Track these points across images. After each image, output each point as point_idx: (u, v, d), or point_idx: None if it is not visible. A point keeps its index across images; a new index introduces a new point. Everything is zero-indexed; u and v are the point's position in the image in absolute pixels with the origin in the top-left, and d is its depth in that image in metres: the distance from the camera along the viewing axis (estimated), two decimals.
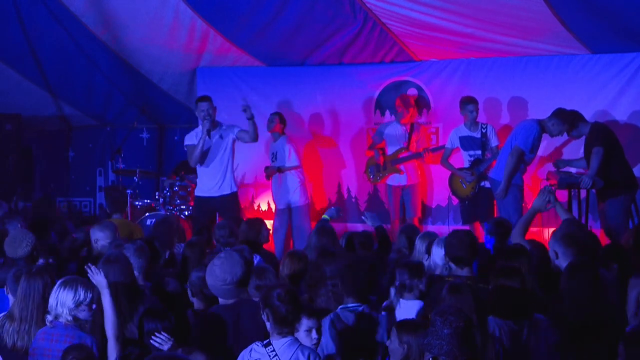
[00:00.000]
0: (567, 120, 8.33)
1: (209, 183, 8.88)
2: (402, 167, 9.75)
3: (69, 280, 4.81)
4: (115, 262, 5.30)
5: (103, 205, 11.72)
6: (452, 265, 5.56)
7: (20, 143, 11.39)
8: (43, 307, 4.89)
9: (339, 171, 10.55)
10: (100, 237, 6.72)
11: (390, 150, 9.81)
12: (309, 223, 9.74)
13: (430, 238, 6.36)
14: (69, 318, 4.71)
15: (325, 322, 4.82)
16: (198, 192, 9.05)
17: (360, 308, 4.81)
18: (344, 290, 4.90)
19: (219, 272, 5.03)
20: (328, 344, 4.78)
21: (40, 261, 6.12)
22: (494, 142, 9.21)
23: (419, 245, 6.37)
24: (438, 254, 6.05)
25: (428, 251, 6.18)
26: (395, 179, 9.80)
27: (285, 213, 9.84)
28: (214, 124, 8.74)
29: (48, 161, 12.39)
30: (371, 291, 5.12)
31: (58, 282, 4.81)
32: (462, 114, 9.27)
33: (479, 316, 4.40)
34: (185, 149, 9.07)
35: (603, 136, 8.18)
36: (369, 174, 10.00)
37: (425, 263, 5.97)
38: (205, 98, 8.82)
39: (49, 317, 4.74)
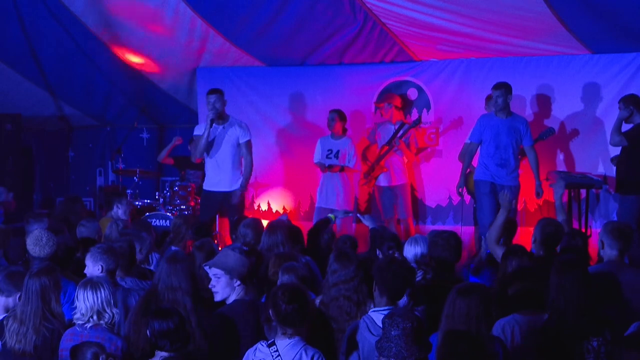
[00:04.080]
0: (632, 101, 8.23)
1: (213, 177, 8.93)
2: (386, 164, 9.78)
3: (93, 282, 4.81)
4: (183, 262, 5.23)
5: (103, 205, 11.71)
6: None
7: (20, 143, 11.39)
8: (42, 310, 4.90)
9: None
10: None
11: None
12: (351, 228, 9.68)
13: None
14: (109, 318, 4.74)
15: (360, 326, 4.64)
16: (204, 185, 9.12)
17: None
18: (378, 291, 4.79)
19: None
20: (366, 350, 4.55)
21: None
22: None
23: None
24: (409, 252, 6.03)
25: None
26: (382, 179, 9.85)
27: (326, 213, 9.87)
28: (222, 117, 8.80)
29: (48, 161, 12.40)
30: (403, 293, 4.87)
31: (81, 285, 4.81)
32: (487, 110, 9.20)
33: (487, 319, 4.37)
34: (192, 141, 9.19)
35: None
36: (365, 179, 10.02)
37: None
38: (213, 91, 8.85)
39: (79, 322, 4.74)
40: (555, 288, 4.60)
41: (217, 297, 5.10)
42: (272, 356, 4.29)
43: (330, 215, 7.60)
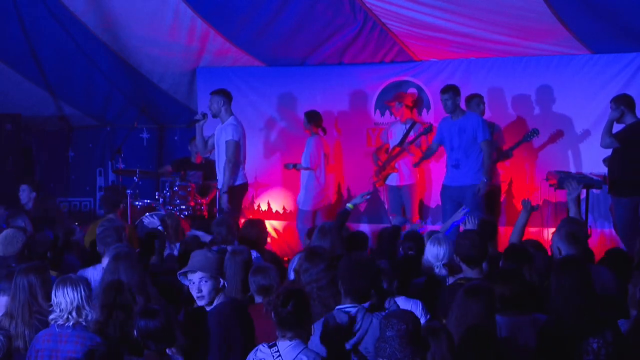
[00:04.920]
0: (623, 102, 8.20)
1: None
2: (396, 165, 9.79)
3: (72, 279, 4.76)
4: (126, 258, 5.24)
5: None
6: (463, 265, 5.50)
7: (20, 143, 11.39)
8: (29, 305, 4.89)
9: (339, 171, 10.55)
10: None
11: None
12: (302, 226, 9.86)
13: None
14: (87, 316, 4.68)
15: (319, 322, 4.71)
16: None
17: (355, 309, 4.64)
18: (342, 290, 4.82)
19: None
20: (318, 345, 4.60)
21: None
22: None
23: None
24: (431, 252, 6.03)
25: None
26: (391, 179, 9.86)
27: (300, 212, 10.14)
28: (217, 117, 9.08)
29: (48, 161, 12.40)
30: (369, 293, 4.87)
31: (59, 282, 4.72)
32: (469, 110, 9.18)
33: (492, 318, 4.37)
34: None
35: (633, 135, 8.07)
36: (376, 177, 10.03)
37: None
38: (212, 92, 9.16)
39: (59, 321, 4.65)
40: (555, 288, 4.60)
41: (203, 302, 4.97)
42: (273, 357, 4.28)
43: (348, 205, 7.45)
